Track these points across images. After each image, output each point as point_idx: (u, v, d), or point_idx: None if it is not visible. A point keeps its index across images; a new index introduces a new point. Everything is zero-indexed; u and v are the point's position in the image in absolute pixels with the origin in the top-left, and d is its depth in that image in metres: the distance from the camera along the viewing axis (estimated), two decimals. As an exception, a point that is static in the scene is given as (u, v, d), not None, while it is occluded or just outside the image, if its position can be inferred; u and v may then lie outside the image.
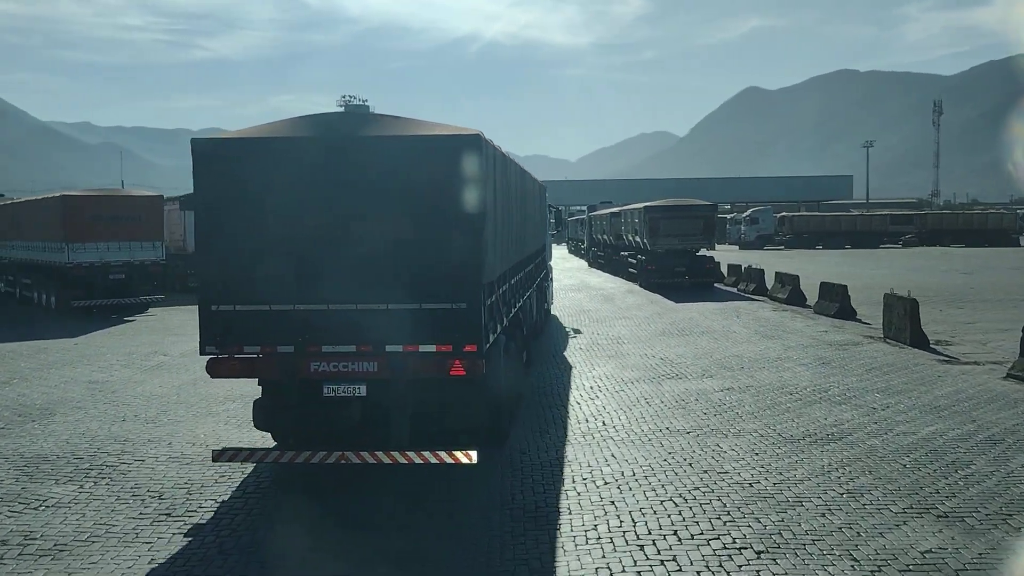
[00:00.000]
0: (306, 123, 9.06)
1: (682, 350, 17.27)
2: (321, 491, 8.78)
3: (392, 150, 8.52)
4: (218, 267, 8.61)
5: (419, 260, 8.38)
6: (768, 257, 49.85)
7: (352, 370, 8.47)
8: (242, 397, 13.05)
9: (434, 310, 8.33)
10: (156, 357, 17.23)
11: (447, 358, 8.41)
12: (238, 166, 8.59)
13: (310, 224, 8.46)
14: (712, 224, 32.82)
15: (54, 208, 25.65)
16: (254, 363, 8.71)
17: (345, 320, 8.36)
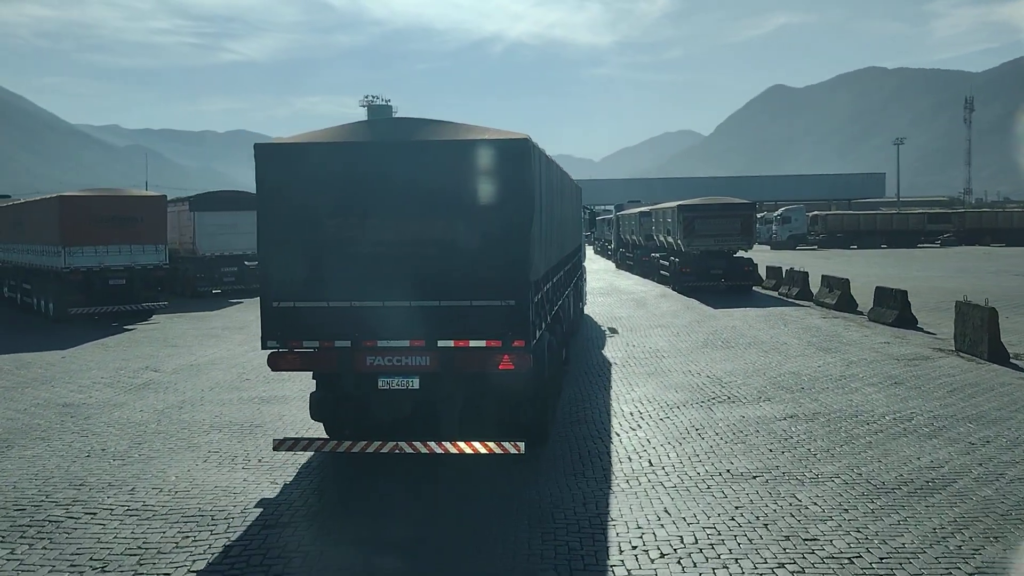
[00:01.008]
0: (362, 128, 9.68)
1: (730, 365, 15.38)
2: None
3: (445, 153, 8.95)
4: (279, 266, 9.03)
5: (470, 259, 8.76)
6: (803, 258, 47.64)
7: (405, 364, 8.87)
8: (228, 426, 11.36)
9: (484, 307, 8.71)
10: (145, 374, 15.60)
11: (496, 353, 8.75)
12: (298, 169, 9.02)
13: (366, 225, 8.88)
14: (751, 224, 30.83)
15: (51, 209, 24.18)
16: (313, 357, 9.10)
17: (399, 316, 8.76)
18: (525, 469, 9.24)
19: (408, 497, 8.57)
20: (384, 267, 8.84)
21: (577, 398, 12.87)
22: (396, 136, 9.34)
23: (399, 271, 8.83)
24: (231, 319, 24.46)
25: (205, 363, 16.69)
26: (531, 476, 9.03)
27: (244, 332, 21.29)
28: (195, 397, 13.36)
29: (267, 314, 9.04)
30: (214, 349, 18.56)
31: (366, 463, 9.51)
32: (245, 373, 15.47)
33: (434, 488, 8.82)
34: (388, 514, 8.08)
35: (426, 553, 7.05)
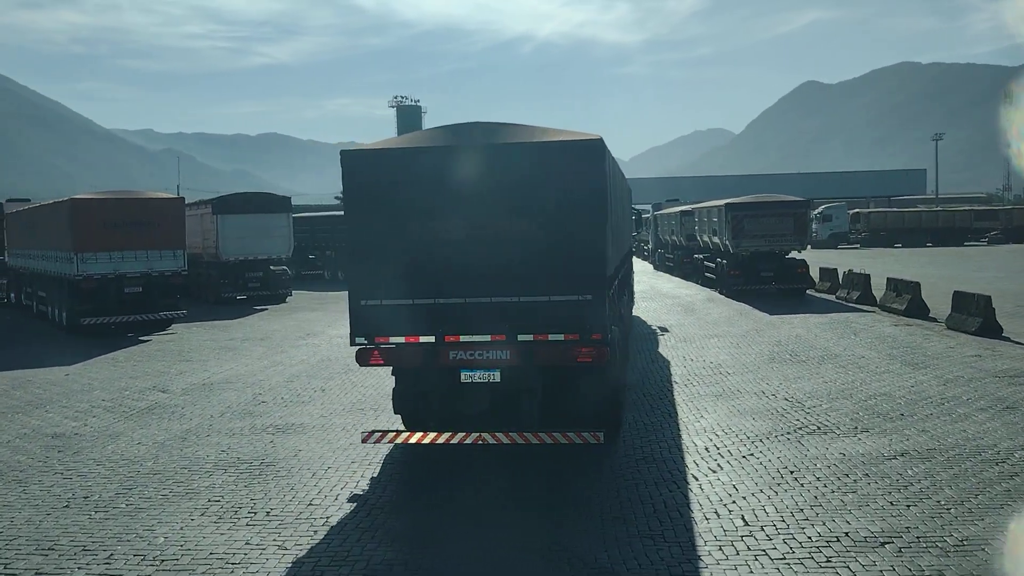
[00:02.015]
0: (442, 133, 9.99)
1: (807, 385, 13.53)
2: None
3: (524, 155, 9.33)
4: (366, 266, 9.50)
5: (548, 256, 9.14)
6: (847, 257, 45.35)
7: (487, 358, 9.23)
8: (235, 465, 9.75)
9: (562, 302, 9.10)
10: (151, 395, 14.07)
11: (575, 346, 9.13)
12: (383, 174, 9.50)
13: (448, 225, 9.26)
14: (804, 222, 28.80)
15: (62, 213, 22.82)
16: (398, 352, 9.51)
17: (481, 312, 9.19)
18: (590, 525, 7.53)
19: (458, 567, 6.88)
20: (466, 266, 9.26)
21: (640, 428, 11.10)
22: (476, 139, 9.67)
23: (480, 269, 9.25)
24: (253, 329, 22.97)
25: (219, 381, 15.14)
26: (597, 533, 7.32)
27: (265, 344, 19.77)
28: (202, 425, 11.79)
29: (355, 312, 9.47)
30: (231, 364, 17.02)
31: (403, 514, 7.86)
32: (261, 394, 13.90)
33: (480, 545, 7.14)
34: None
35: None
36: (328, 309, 28.00)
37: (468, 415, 9.56)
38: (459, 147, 9.60)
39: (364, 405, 12.90)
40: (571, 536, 7.33)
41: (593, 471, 9.29)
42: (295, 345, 19.57)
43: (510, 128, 9.87)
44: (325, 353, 18.20)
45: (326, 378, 15.25)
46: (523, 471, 9.48)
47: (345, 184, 9.53)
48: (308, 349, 18.89)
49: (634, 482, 8.81)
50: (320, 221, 44.08)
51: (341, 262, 40.46)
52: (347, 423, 11.73)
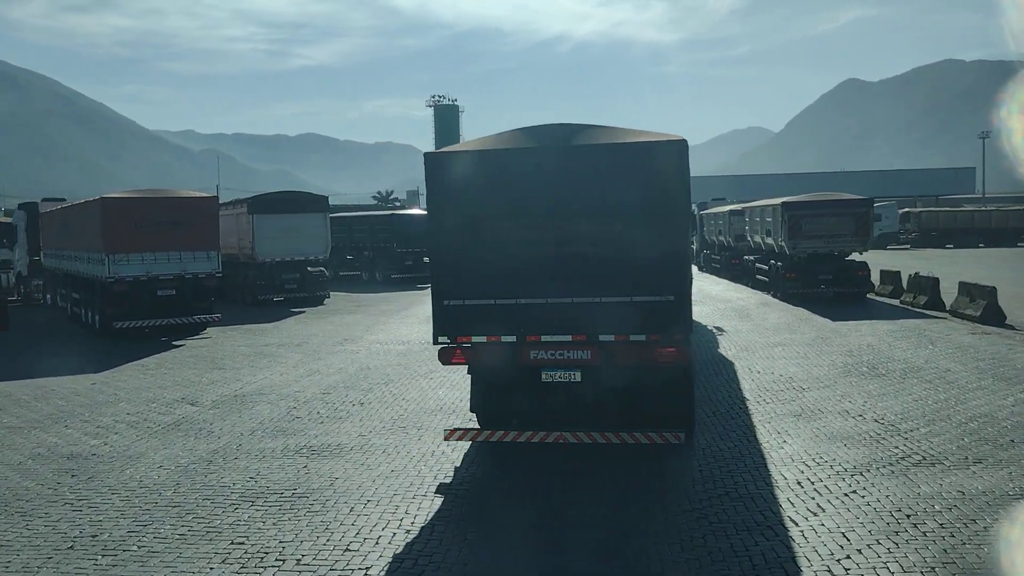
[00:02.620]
0: (525, 135, 9.90)
1: (895, 404, 12.17)
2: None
3: (607, 155, 9.33)
4: (449, 266, 9.64)
5: (631, 256, 9.13)
6: (899, 258, 43.40)
7: (568, 358, 9.30)
8: (264, 495, 8.68)
9: (644, 302, 9.10)
10: (180, 408, 13.10)
11: (656, 346, 9.11)
12: (466, 175, 9.58)
13: (531, 226, 9.33)
14: (867, 222, 27.16)
15: (93, 213, 22.09)
16: (480, 351, 9.53)
17: (562, 312, 9.25)
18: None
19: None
20: (548, 266, 9.32)
21: (717, 454, 9.86)
22: (559, 141, 9.61)
23: (562, 269, 9.28)
24: (288, 334, 22.03)
25: (252, 392, 14.15)
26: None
27: (301, 351, 18.79)
28: (230, 445, 10.77)
29: (438, 312, 9.57)
30: (265, 373, 16.04)
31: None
32: (296, 408, 12.86)
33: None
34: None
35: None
36: (366, 312, 27.03)
37: (548, 414, 9.67)
38: (543, 148, 9.60)
39: (406, 422, 11.80)
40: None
41: (673, 508, 8.07)
42: (332, 352, 18.57)
43: (591, 129, 9.81)
44: (364, 361, 17.16)
45: (365, 390, 14.19)
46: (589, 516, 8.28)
47: (428, 185, 9.57)
48: (346, 356, 17.88)
49: (721, 526, 7.58)
50: (358, 221, 43.26)
51: (376, 262, 39.59)
52: (388, 445, 10.63)
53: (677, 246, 9.35)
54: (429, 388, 14.25)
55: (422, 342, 19.67)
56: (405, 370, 16.01)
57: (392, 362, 16.96)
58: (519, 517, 8.11)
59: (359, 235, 41.65)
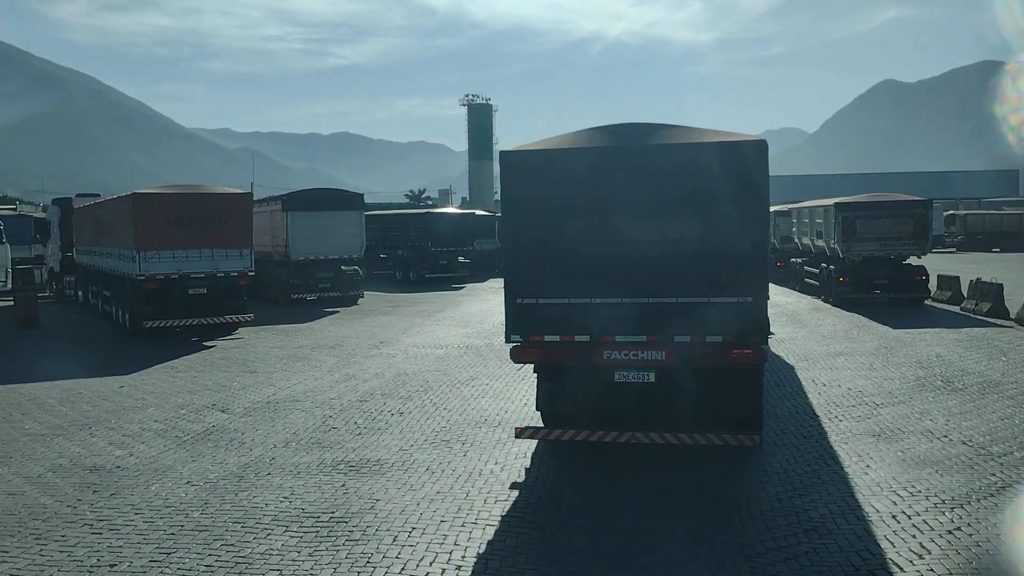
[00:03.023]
0: (601, 134, 9.82)
1: (980, 423, 11.15)
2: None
3: (686, 155, 9.30)
4: (523, 265, 9.60)
5: (708, 257, 9.13)
6: (946, 262, 41.72)
7: (642, 359, 9.24)
8: (298, 520, 7.89)
9: (722, 304, 9.09)
10: (210, 415, 12.40)
11: (733, 349, 9.05)
12: (541, 174, 9.63)
13: (607, 225, 9.35)
14: (926, 225, 25.90)
15: (125, 209, 21.55)
16: (553, 350, 9.49)
17: (637, 313, 9.23)
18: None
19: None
20: (624, 265, 9.24)
21: (795, 480, 8.92)
22: (635, 140, 9.58)
23: (638, 269, 9.23)
24: (323, 335, 21.34)
25: (285, 399, 13.43)
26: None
27: (336, 353, 18.06)
28: (263, 459, 10.02)
29: (511, 310, 9.51)
30: (299, 377, 15.33)
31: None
32: (332, 417, 12.11)
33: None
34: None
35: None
36: (401, 313, 26.31)
37: (620, 415, 9.56)
38: (621, 147, 9.53)
39: (449, 436, 10.99)
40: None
41: (756, 545, 7.16)
42: (368, 355, 17.83)
43: (667, 128, 9.73)
44: (401, 366, 16.39)
45: (404, 398, 13.41)
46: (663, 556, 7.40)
47: (503, 184, 9.57)
48: (382, 360, 17.12)
49: (816, 570, 6.66)
50: (392, 219, 42.63)
51: (409, 261, 38.92)
52: (431, 461, 9.82)
53: (757, 248, 9.20)
54: (471, 397, 13.44)
55: (460, 346, 18.89)
56: (444, 377, 15.22)
57: (430, 367, 16.17)
58: (581, 551, 7.25)
59: (393, 233, 41.00)
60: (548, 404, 10.07)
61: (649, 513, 8.14)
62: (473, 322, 23.61)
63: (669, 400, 9.47)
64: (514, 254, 9.79)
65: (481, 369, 15.92)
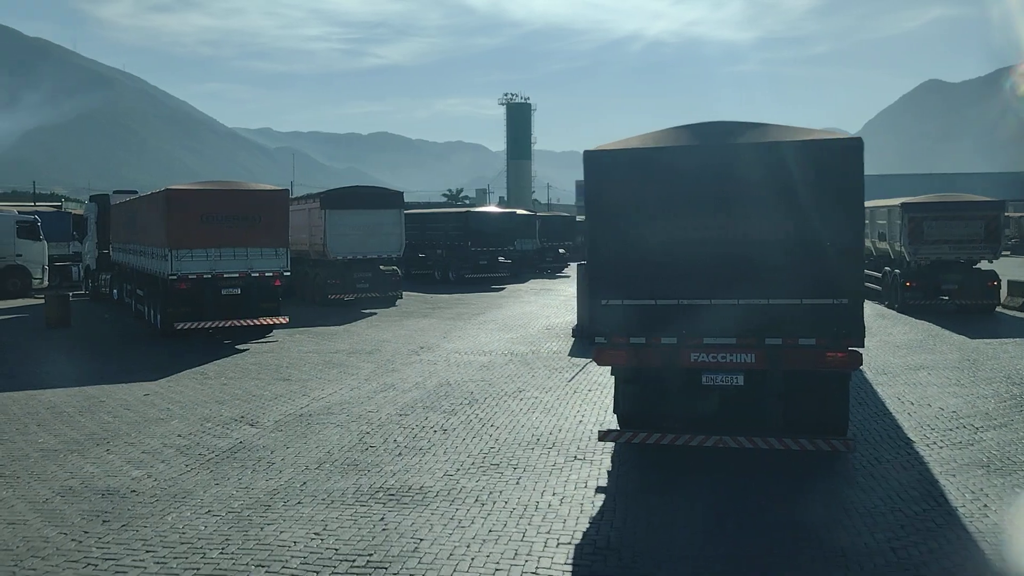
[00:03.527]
0: (687, 132, 9.71)
1: (1106, 453, 9.77)
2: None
3: (780, 154, 9.08)
4: (608, 266, 9.51)
5: (802, 258, 8.95)
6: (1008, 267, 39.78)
7: (731, 361, 9.01)
8: (333, 560, 6.79)
9: (815, 305, 8.89)
10: (238, 429, 11.42)
11: (827, 351, 8.83)
12: (626, 173, 9.49)
13: (695, 225, 9.11)
14: (998, 227, 24.33)
15: (158, 206, 20.77)
16: (638, 352, 9.29)
17: (726, 314, 9.00)
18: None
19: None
20: (712, 266, 9.05)
21: (907, 524, 7.63)
22: (723, 139, 9.38)
23: (727, 270, 9.03)
24: (360, 338, 20.37)
25: (319, 411, 12.42)
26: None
27: (374, 360, 17.06)
28: (293, 483, 8.99)
29: (596, 312, 9.41)
30: (334, 387, 14.33)
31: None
32: (369, 434, 11.06)
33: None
34: None
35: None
36: (441, 315, 25.29)
37: (705, 419, 9.32)
38: (712, 146, 9.33)
39: (499, 458, 9.87)
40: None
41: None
42: (407, 362, 16.80)
43: (755, 127, 9.54)
44: (442, 375, 15.32)
45: (447, 412, 12.34)
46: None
47: (588, 183, 9.39)
48: (423, 368, 16.07)
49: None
50: (431, 218, 41.68)
51: (449, 261, 37.91)
52: (480, 490, 8.71)
53: (852, 248, 8.99)
54: (520, 412, 12.32)
55: (505, 353, 17.78)
56: (490, 388, 14.11)
57: (474, 377, 15.09)
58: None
59: (432, 232, 40.04)
60: (630, 407, 9.84)
61: (738, 569, 6.94)
62: (516, 326, 22.51)
63: (757, 404, 9.21)
64: (599, 254, 9.57)
65: (529, 380, 14.80)
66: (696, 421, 9.35)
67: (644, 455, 10.05)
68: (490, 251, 38.17)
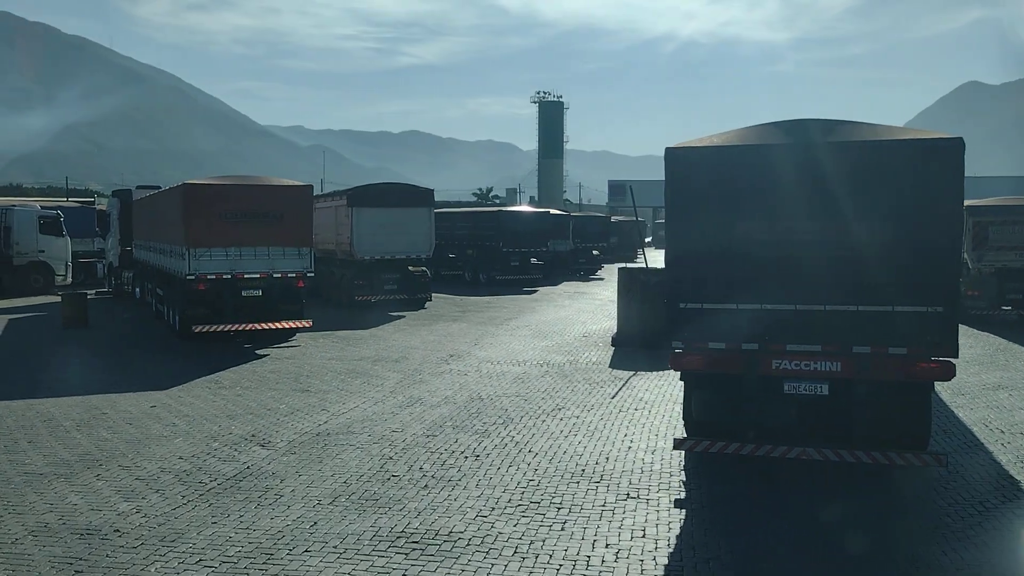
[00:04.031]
0: (774, 130, 9.25)
1: None
2: None
3: (875, 154, 8.62)
4: (689, 268, 9.13)
5: (895, 263, 8.48)
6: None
7: (815, 369, 8.65)
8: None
9: (908, 313, 8.41)
10: (247, 450, 10.25)
11: (919, 362, 8.40)
12: (711, 172, 9.08)
13: (781, 227, 8.74)
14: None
15: (175, 201, 19.74)
16: (717, 358, 8.95)
17: (812, 320, 8.66)
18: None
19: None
20: (798, 270, 8.73)
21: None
22: (815, 137, 8.89)
23: (814, 274, 8.71)
24: (387, 344, 19.19)
25: (338, 430, 11.23)
26: None
27: (399, 369, 15.86)
28: (302, 522, 7.78)
29: (674, 315, 9.12)
30: (356, 400, 13.15)
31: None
32: (393, 459, 9.84)
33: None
34: None
35: None
36: (471, 319, 24.06)
37: (784, 429, 8.94)
38: (802, 144, 8.89)
39: (540, 494, 8.59)
40: None
41: None
42: (436, 372, 15.58)
43: (848, 125, 9.07)
44: (474, 388, 14.09)
45: (479, 433, 11.09)
46: None
47: (669, 181, 9.08)
48: (452, 379, 14.85)
49: None
50: (462, 217, 40.49)
51: (479, 262, 36.67)
52: (519, 537, 7.44)
53: (949, 253, 8.54)
54: (561, 435, 11.04)
55: (540, 363, 16.51)
56: (526, 404, 12.86)
57: (508, 391, 13.84)
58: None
59: (462, 232, 38.84)
60: (704, 414, 9.40)
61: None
62: (552, 332, 21.23)
63: (840, 415, 8.80)
64: (679, 256, 9.19)
65: (568, 395, 13.52)
66: (774, 431, 8.88)
67: (710, 488, 8.75)
68: (522, 252, 36.89)
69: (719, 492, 8.75)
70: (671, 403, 12.95)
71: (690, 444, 9.01)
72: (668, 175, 9.09)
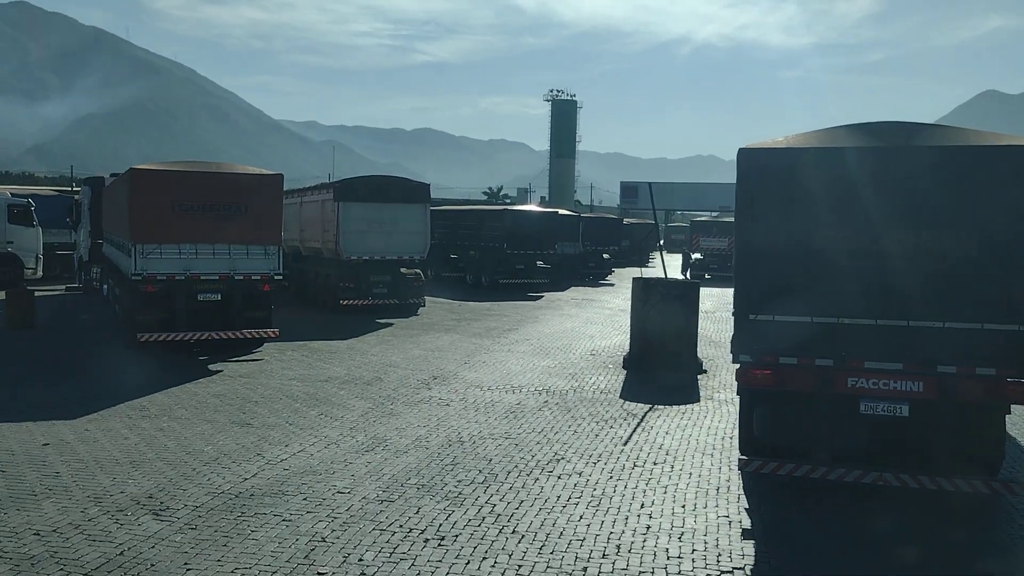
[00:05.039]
0: (854, 132, 8.77)
1: None
2: None
3: (965, 159, 8.13)
4: (760, 277, 8.71)
5: (985, 277, 8.00)
6: None
7: (894, 389, 8.21)
8: None
9: (999, 331, 7.89)
10: (133, 521, 7.60)
11: (1010, 385, 7.88)
12: (786, 175, 8.63)
13: (861, 236, 8.27)
14: None
15: (122, 189, 17.19)
16: (787, 373, 8.55)
17: (893, 337, 8.20)
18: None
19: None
20: (879, 282, 8.22)
21: None
22: (901, 140, 8.42)
23: (896, 287, 8.15)
24: (363, 361, 16.57)
25: (265, 489, 8.61)
26: None
27: (370, 394, 13.25)
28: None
29: (741, 327, 8.65)
30: (304, 439, 10.54)
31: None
32: (326, 539, 7.21)
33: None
34: None
35: None
36: (466, 330, 21.42)
37: (858, 452, 8.43)
38: (885, 148, 8.29)
39: (520, 615, 5.93)
40: None
41: None
42: (412, 401, 12.96)
43: (932, 129, 8.54)
44: (454, 424, 11.47)
45: (450, 497, 8.45)
46: None
47: (741, 185, 8.58)
48: (430, 412, 12.23)
49: None
50: (464, 216, 37.82)
51: (482, 264, 34.04)
52: None
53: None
54: (558, 504, 8.40)
55: (539, 390, 13.88)
56: (516, 451, 10.23)
57: (496, 431, 11.21)
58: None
59: (465, 231, 36.20)
60: (769, 435, 8.78)
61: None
62: (555, 349, 18.59)
63: (920, 438, 8.34)
64: (750, 264, 8.70)
65: (569, 438, 10.89)
66: (845, 454, 8.38)
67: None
68: (528, 255, 34.23)
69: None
70: (698, 454, 10.31)
71: (756, 465, 8.44)
72: (740, 178, 8.54)
